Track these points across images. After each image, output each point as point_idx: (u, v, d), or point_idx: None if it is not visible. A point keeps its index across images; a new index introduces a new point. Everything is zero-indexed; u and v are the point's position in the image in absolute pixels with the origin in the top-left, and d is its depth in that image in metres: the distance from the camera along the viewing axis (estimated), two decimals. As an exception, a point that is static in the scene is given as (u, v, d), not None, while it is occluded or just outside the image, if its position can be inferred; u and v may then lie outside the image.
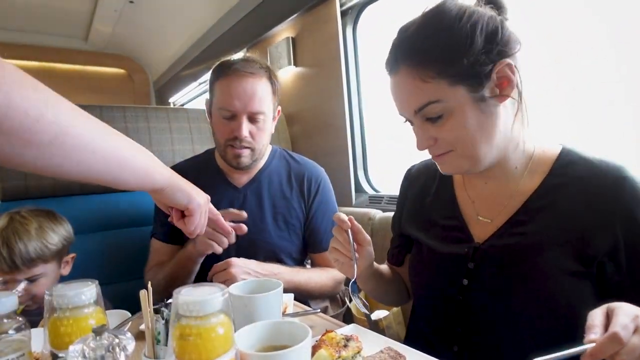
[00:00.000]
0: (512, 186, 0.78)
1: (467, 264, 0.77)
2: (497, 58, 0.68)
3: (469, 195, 0.85)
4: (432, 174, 0.94)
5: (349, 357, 0.66)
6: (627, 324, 0.49)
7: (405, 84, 0.71)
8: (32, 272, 1.10)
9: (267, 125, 1.25)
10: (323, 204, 1.34)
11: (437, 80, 0.68)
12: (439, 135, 0.73)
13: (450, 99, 0.68)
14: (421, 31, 0.70)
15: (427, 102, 0.69)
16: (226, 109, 1.19)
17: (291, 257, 1.32)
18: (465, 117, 0.69)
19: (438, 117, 0.70)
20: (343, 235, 0.81)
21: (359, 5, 1.86)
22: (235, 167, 1.27)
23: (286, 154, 1.41)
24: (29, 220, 1.13)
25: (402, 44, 0.72)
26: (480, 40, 0.67)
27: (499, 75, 0.68)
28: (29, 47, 3.70)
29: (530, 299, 0.70)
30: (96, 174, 0.55)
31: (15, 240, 1.08)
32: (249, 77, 1.19)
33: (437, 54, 0.68)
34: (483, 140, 0.71)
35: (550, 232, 0.71)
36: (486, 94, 0.69)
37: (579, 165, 0.73)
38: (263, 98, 1.21)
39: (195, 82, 3.38)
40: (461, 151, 0.73)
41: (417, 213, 0.93)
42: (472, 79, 0.68)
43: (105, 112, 1.62)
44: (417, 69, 0.69)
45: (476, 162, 0.73)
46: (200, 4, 2.73)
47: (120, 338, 0.48)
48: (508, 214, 0.76)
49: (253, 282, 0.81)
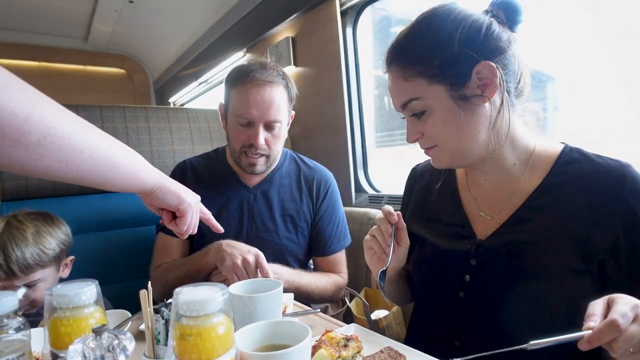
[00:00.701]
0: (513, 183, 0.79)
1: (470, 260, 0.78)
2: (478, 59, 0.70)
3: (471, 193, 0.86)
4: (436, 173, 0.95)
5: (349, 357, 0.66)
6: (627, 312, 0.50)
7: (394, 81, 0.78)
8: (30, 278, 1.09)
9: (283, 132, 1.26)
10: (330, 207, 1.35)
11: (417, 79, 0.73)
12: (424, 130, 0.77)
13: (430, 97, 0.73)
14: (410, 33, 0.75)
15: (409, 99, 0.75)
16: (243, 116, 1.19)
17: (297, 259, 1.32)
18: (444, 114, 0.73)
19: (421, 112, 0.76)
20: (386, 226, 0.83)
21: (359, 6, 1.85)
22: (250, 174, 1.27)
23: (297, 157, 1.42)
24: (26, 225, 1.11)
25: (394, 45, 0.77)
26: (457, 41, 0.70)
27: (480, 75, 0.71)
28: (29, 47, 3.70)
29: (532, 295, 0.70)
30: (84, 175, 0.55)
31: (12, 247, 1.06)
32: (267, 86, 1.19)
33: (418, 54, 0.73)
34: (465, 137, 0.74)
35: (552, 230, 0.71)
36: (467, 93, 0.72)
37: (581, 164, 0.74)
38: (280, 107, 1.21)
39: (196, 82, 3.38)
40: (444, 146, 0.77)
41: (420, 210, 0.94)
42: (451, 78, 0.71)
43: (105, 112, 1.62)
44: (402, 68, 0.75)
45: (459, 157, 0.78)
46: (200, 4, 2.73)
47: (120, 338, 0.48)
48: (510, 211, 0.77)
49: (253, 282, 0.81)
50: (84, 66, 4.12)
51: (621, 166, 0.70)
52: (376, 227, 0.85)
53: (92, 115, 1.59)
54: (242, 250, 1.04)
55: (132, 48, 4.07)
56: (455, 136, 0.74)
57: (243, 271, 1.01)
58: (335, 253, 1.34)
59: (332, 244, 1.33)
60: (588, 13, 1.22)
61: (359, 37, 1.94)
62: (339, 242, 1.35)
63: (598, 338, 0.50)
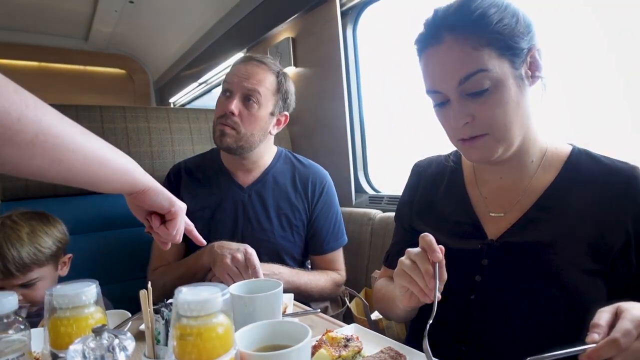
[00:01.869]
0: (525, 182, 0.78)
1: (481, 260, 0.77)
2: (532, 42, 0.71)
3: (480, 192, 0.85)
4: (441, 171, 0.93)
5: (349, 357, 0.66)
6: (630, 330, 0.49)
7: (452, 52, 0.69)
8: (27, 277, 1.09)
9: (261, 114, 1.25)
10: (326, 206, 1.35)
11: (489, 49, 0.68)
12: (478, 113, 0.71)
13: (498, 70, 0.68)
14: (469, 5, 0.70)
15: (477, 70, 0.68)
16: (226, 81, 1.26)
17: (293, 258, 1.32)
18: (508, 92, 0.70)
19: (482, 90, 0.69)
20: (426, 266, 0.66)
21: (359, 6, 1.86)
22: (219, 146, 1.27)
23: (292, 156, 1.41)
24: (21, 225, 1.11)
25: (446, 16, 0.71)
26: (522, 21, 0.70)
27: (532, 59, 0.71)
28: (29, 47, 3.70)
29: (545, 296, 0.70)
30: (77, 174, 0.55)
31: (8, 247, 1.05)
32: (255, 64, 1.26)
33: (489, 24, 0.68)
34: (517, 123, 0.72)
35: (565, 230, 0.71)
36: (523, 74, 0.71)
37: (590, 165, 0.75)
38: (262, 81, 1.24)
39: (196, 82, 3.38)
40: (497, 134, 0.71)
41: (426, 209, 0.92)
42: (515, 55, 0.70)
43: (105, 112, 1.62)
44: (468, 37, 0.68)
45: (508, 147, 0.73)
46: (200, 4, 2.73)
47: (120, 338, 0.48)
48: (522, 210, 0.76)
49: (253, 282, 0.81)
50: (84, 66, 4.12)
51: (631, 168, 0.72)
52: (411, 263, 0.68)
53: (92, 115, 1.59)
54: (232, 249, 1.05)
55: (132, 48, 4.07)
56: (511, 120, 0.70)
57: (234, 269, 1.01)
58: (332, 251, 1.34)
59: (329, 242, 1.33)
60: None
61: (359, 37, 1.94)
62: (336, 240, 1.35)
63: (598, 355, 0.49)
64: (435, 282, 0.65)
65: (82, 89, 4.05)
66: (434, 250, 0.66)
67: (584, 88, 1.26)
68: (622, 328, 0.50)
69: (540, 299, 0.70)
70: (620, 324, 0.50)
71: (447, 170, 0.92)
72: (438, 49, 0.71)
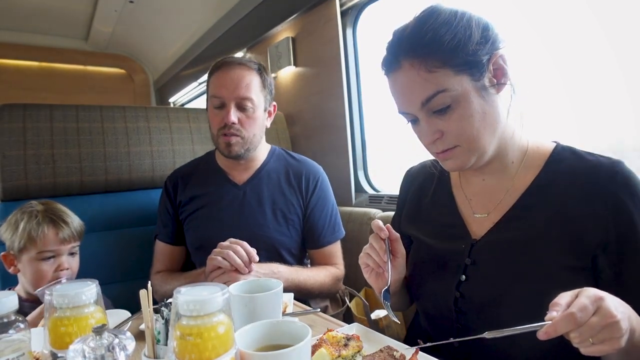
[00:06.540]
0: (507, 182, 0.79)
1: (465, 259, 0.79)
2: (492, 50, 0.71)
3: (465, 194, 0.86)
4: (429, 175, 0.95)
5: (349, 356, 0.66)
6: (587, 306, 0.51)
7: (410, 77, 0.72)
8: (73, 245, 1.18)
9: (258, 115, 1.28)
10: (321, 200, 1.36)
11: (444, 69, 0.69)
12: (445, 129, 0.73)
13: (457, 88, 0.70)
14: (420, 28, 0.72)
15: (436, 92, 0.70)
16: (216, 97, 1.25)
17: (291, 253, 1.33)
18: (471, 106, 0.71)
19: (445, 107, 0.71)
20: (379, 243, 0.81)
21: (359, 6, 1.86)
22: (227, 156, 1.30)
23: (284, 153, 1.43)
24: (54, 205, 1.20)
25: (402, 41, 0.73)
26: (477, 32, 0.70)
27: (494, 66, 0.72)
28: (29, 47, 3.69)
29: (527, 293, 0.70)
30: None
31: (67, 214, 1.17)
32: (237, 66, 1.26)
33: (440, 45, 0.69)
34: (486, 131, 0.73)
35: (546, 227, 0.71)
36: (486, 84, 0.71)
37: (572, 161, 0.75)
38: (250, 85, 1.25)
39: (196, 82, 3.38)
40: (467, 145, 0.74)
41: (415, 212, 0.94)
42: (473, 68, 0.70)
43: (105, 112, 1.62)
44: (422, 60, 0.70)
45: (481, 155, 0.75)
46: (200, 4, 2.73)
47: (120, 338, 0.48)
48: (503, 210, 0.78)
49: (253, 281, 0.81)
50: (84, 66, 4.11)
51: (612, 163, 0.71)
52: (369, 244, 0.83)
53: (92, 115, 1.59)
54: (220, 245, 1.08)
55: (132, 48, 4.07)
56: (479, 131, 0.72)
57: (218, 258, 1.04)
58: (329, 245, 1.35)
59: (326, 236, 1.34)
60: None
61: (358, 37, 1.94)
62: (332, 233, 1.36)
63: (555, 329, 0.51)
64: (387, 256, 0.80)
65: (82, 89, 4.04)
66: (381, 229, 0.79)
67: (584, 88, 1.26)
68: (579, 303, 0.51)
69: (524, 296, 0.71)
70: (577, 300, 0.52)
71: (435, 175, 0.94)
72: (398, 75, 0.74)
